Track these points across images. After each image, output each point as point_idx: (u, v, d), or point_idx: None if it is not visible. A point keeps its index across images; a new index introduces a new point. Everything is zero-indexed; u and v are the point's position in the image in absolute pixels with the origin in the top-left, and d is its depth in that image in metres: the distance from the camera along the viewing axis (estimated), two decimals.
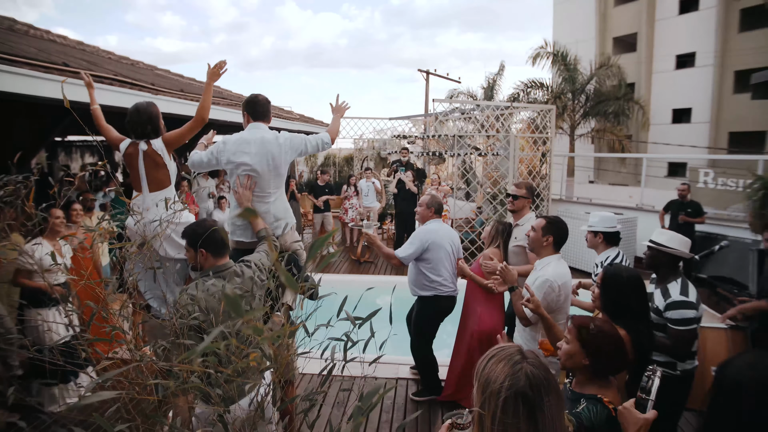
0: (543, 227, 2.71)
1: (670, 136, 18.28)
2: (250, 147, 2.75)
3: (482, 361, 1.10)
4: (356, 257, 8.68)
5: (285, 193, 3.04)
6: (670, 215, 6.91)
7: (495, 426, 0.99)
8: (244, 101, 2.96)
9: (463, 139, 8.85)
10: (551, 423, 0.98)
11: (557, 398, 1.02)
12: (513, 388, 0.98)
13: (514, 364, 1.03)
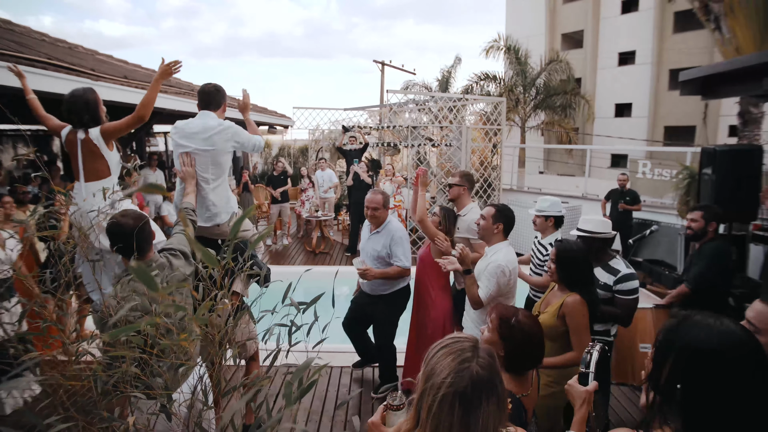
0: (493, 215, 2.83)
1: (612, 129, 19.23)
2: (191, 133, 2.76)
3: (434, 348, 1.08)
4: (312, 248, 8.62)
5: (227, 183, 3.00)
6: (611, 203, 7.33)
7: (428, 419, 0.98)
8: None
9: (417, 130, 8.94)
10: (486, 423, 0.97)
11: (498, 404, 1.00)
12: (453, 387, 0.97)
13: (462, 361, 1.00)
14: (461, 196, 3.71)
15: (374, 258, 3.55)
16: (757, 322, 1.38)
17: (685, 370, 1.02)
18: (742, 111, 5.99)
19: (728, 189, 3.50)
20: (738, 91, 4.18)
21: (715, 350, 0.99)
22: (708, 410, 0.99)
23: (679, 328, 1.06)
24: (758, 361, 0.98)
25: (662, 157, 10.77)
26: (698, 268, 3.31)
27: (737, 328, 1.01)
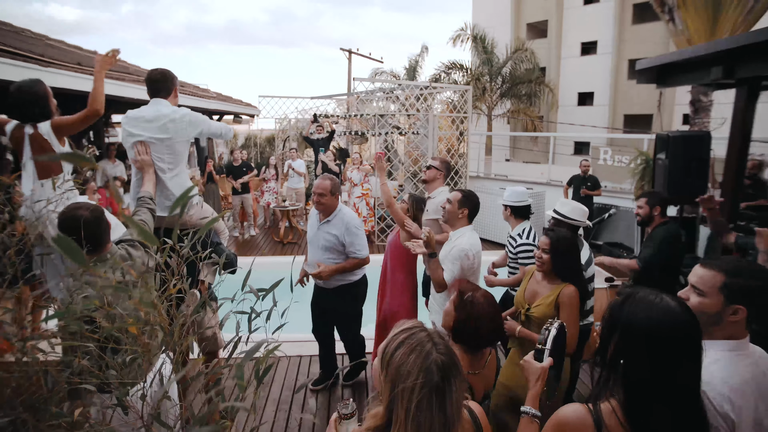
0: (459, 200, 2.87)
1: (575, 117, 19.73)
2: (144, 122, 2.66)
3: (390, 345, 1.08)
4: (279, 239, 8.53)
5: (186, 172, 2.93)
6: (573, 189, 7.56)
7: (408, 421, 1.00)
8: None
9: (384, 119, 8.93)
10: (457, 403, 1.03)
11: (461, 378, 1.06)
12: (427, 386, 0.99)
13: (426, 355, 1.02)
14: (436, 180, 3.75)
15: (325, 249, 3.36)
16: (701, 285, 1.44)
17: (627, 345, 1.07)
18: (693, 99, 6.26)
19: (679, 173, 3.66)
20: (689, 80, 4.34)
21: (654, 327, 1.04)
22: (647, 383, 1.04)
23: (623, 306, 1.11)
24: (692, 337, 1.04)
25: (622, 144, 11.15)
26: (649, 250, 3.46)
27: (676, 305, 1.07)
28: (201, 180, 8.82)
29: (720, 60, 3.70)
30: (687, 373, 1.04)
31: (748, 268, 1.41)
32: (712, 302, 1.41)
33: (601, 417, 1.09)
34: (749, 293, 1.37)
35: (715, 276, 1.41)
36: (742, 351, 1.40)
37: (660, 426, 1.04)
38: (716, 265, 1.44)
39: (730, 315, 1.39)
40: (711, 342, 1.41)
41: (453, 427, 1.02)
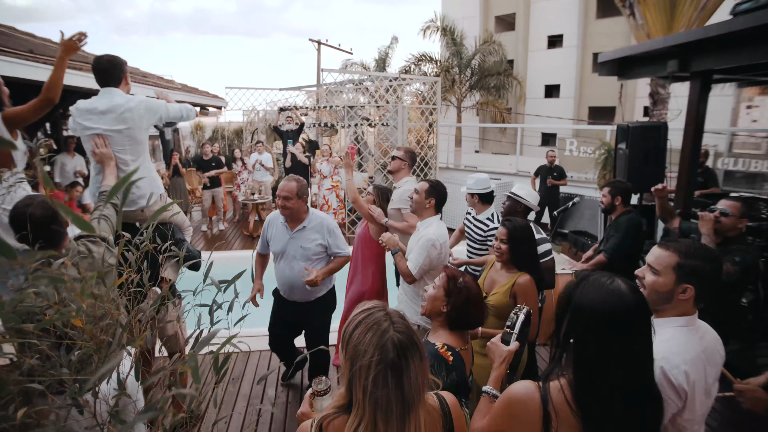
0: (426, 190, 2.89)
1: (542, 109, 20.14)
2: (98, 114, 2.54)
3: (349, 326, 1.09)
4: (248, 232, 8.41)
5: (150, 162, 2.84)
6: (540, 179, 7.74)
7: (366, 399, 1.01)
8: None
9: (353, 110, 8.88)
10: (416, 382, 1.03)
11: (421, 357, 1.06)
12: (382, 362, 1.00)
13: (382, 333, 1.03)
14: (401, 170, 3.76)
15: (308, 258, 3.07)
16: (656, 264, 1.51)
17: (576, 324, 1.11)
18: (652, 92, 6.49)
19: (638, 162, 3.80)
20: (647, 72, 4.49)
21: (601, 307, 1.08)
22: (593, 361, 1.08)
23: (576, 289, 1.15)
24: (638, 317, 1.08)
25: (587, 135, 11.45)
26: (615, 239, 3.58)
27: (625, 287, 1.10)
28: (167, 173, 8.58)
29: (675, 54, 3.84)
30: (633, 351, 1.07)
31: (701, 250, 1.47)
32: (665, 281, 1.48)
33: (549, 394, 1.12)
34: (699, 274, 1.44)
35: (670, 256, 1.49)
36: (693, 326, 1.48)
37: (604, 403, 1.07)
38: (672, 246, 1.51)
39: (680, 293, 1.46)
40: (666, 319, 1.49)
41: (413, 407, 1.02)
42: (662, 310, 1.52)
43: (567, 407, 1.10)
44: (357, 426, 1.02)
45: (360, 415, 1.03)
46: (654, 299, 1.52)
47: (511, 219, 2.59)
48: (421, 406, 1.05)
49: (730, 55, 3.44)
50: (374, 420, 1.01)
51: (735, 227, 2.82)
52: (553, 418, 1.10)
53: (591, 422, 1.07)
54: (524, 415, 1.13)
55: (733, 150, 13.81)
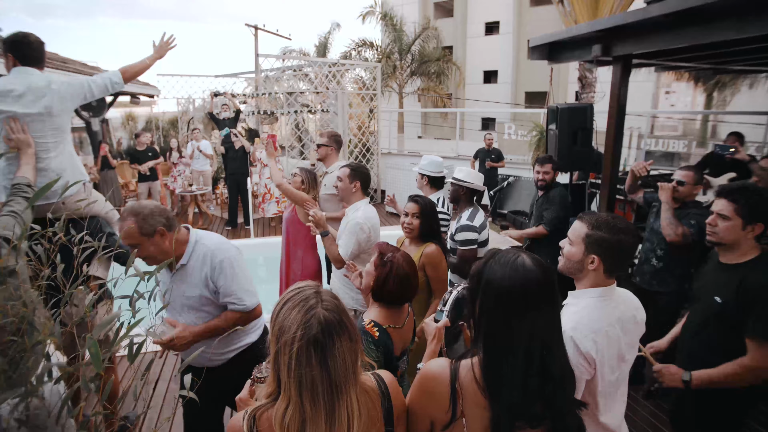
0: (349, 175, 2.88)
1: (481, 94, 20.68)
2: (14, 96, 2.30)
3: (278, 305, 1.05)
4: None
5: (72, 147, 2.63)
6: (479, 161, 7.98)
7: (290, 377, 0.97)
8: (6, 41, 2.40)
9: (293, 96, 8.69)
10: (343, 363, 0.99)
11: (350, 337, 1.02)
12: (305, 338, 0.96)
13: (308, 310, 1.00)
14: (329, 156, 3.74)
15: (188, 308, 2.04)
16: (571, 235, 1.59)
17: (485, 302, 1.12)
18: (581, 76, 6.83)
19: (568, 142, 4.00)
20: (575, 57, 4.70)
21: (506, 282, 1.09)
22: (501, 336, 1.09)
23: (484, 266, 1.15)
24: (543, 292, 1.09)
25: (524, 119, 11.87)
26: (551, 212, 3.77)
27: (531, 262, 1.11)
28: (95, 167, 8.00)
29: (599, 39, 4.05)
30: (539, 325, 1.08)
31: (609, 222, 1.51)
32: (576, 251, 1.55)
33: (458, 372, 1.13)
34: (602, 245, 1.50)
35: (582, 227, 1.56)
36: (609, 296, 1.54)
37: (510, 378, 1.07)
38: (585, 218, 1.57)
39: (589, 264, 1.53)
40: (583, 291, 1.57)
41: (341, 389, 0.99)
42: (578, 280, 1.60)
43: (474, 384, 1.10)
44: (285, 408, 0.99)
45: (287, 398, 0.99)
46: (569, 268, 1.60)
47: (418, 196, 2.64)
48: (352, 388, 1.02)
49: (646, 41, 3.68)
50: (300, 401, 0.97)
51: (691, 194, 3.11)
52: (460, 394, 1.11)
53: (496, 397, 1.08)
54: (435, 391, 1.14)
55: (654, 132, 14.82)
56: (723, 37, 3.11)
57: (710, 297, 2.02)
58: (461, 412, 1.11)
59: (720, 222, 1.98)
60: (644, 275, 3.33)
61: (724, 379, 1.86)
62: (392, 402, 1.16)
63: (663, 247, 3.21)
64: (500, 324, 1.09)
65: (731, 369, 1.84)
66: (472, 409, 1.11)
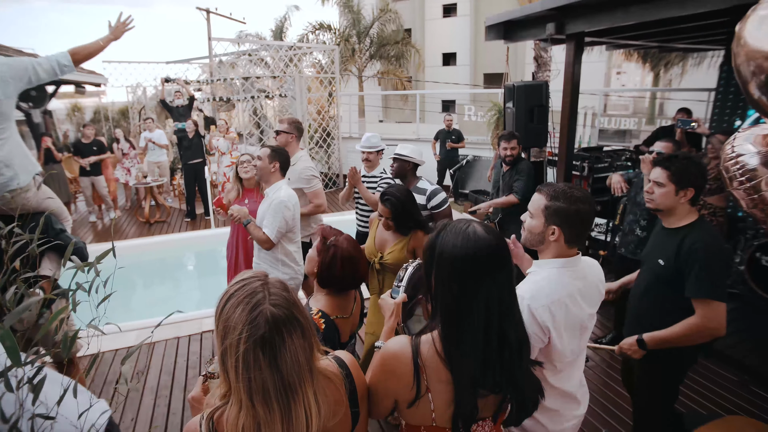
0: (269, 156, 2.86)
1: (441, 76, 20.75)
2: None
3: (222, 300, 0.96)
4: (144, 219, 7.77)
5: (18, 136, 2.44)
6: (440, 143, 8.04)
7: (239, 380, 0.90)
8: None
9: (249, 82, 8.44)
10: (296, 362, 0.93)
11: (302, 333, 0.95)
12: (251, 339, 0.88)
13: (254, 306, 0.91)
14: (290, 144, 3.60)
15: None
16: (531, 207, 1.62)
17: (439, 273, 1.11)
18: (536, 56, 6.92)
19: (524, 119, 4.08)
20: (529, 35, 4.78)
21: (458, 252, 1.08)
22: (456, 306, 1.08)
23: (437, 238, 1.14)
24: (495, 260, 1.08)
25: (483, 100, 12.00)
26: (521, 182, 3.87)
27: (482, 231, 1.10)
28: (38, 161, 7.53)
29: (552, 17, 4.13)
30: (492, 294, 1.08)
31: (567, 192, 1.53)
32: (537, 223, 1.57)
33: (419, 348, 1.12)
34: (561, 216, 1.51)
35: (541, 199, 1.57)
36: (572, 267, 1.57)
37: (469, 347, 1.08)
38: (544, 190, 1.58)
39: (549, 235, 1.55)
40: (546, 261, 1.59)
41: (296, 389, 0.93)
42: (541, 252, 1.62)
43: (436, 358, 1.10)
44: (237, 413, 0.92)
45: (238, 401, 0.92)
46: (531, 240, 1.63)
47: (390, 194, 2.44)
48: (308, 385, 0.95)
49: (597, 19, 3.78)
50: (252, 405, 0.91)
51: None
52: (423, 370, 1.10)
53: (458, 368, 1.08)
54: (397, 368, 1.13)
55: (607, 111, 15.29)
56: (667, 14, 3.24)
57: (654, 260, 2.12)
58: (426, 387, 1.11)
59: (656, 189, 2.08)
60: (629, 245, 3.50)
61: (675, 339, 1.95)
62: (355, 383, 1.14)
63: (645, 218, 3.40)
64: (456, 294, 1.08)
65: (680, 329, 1.93)
66: (436, 384, 1.11)
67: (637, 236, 3.45)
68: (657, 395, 2.31)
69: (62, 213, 2.73)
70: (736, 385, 3.29)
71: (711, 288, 1.87)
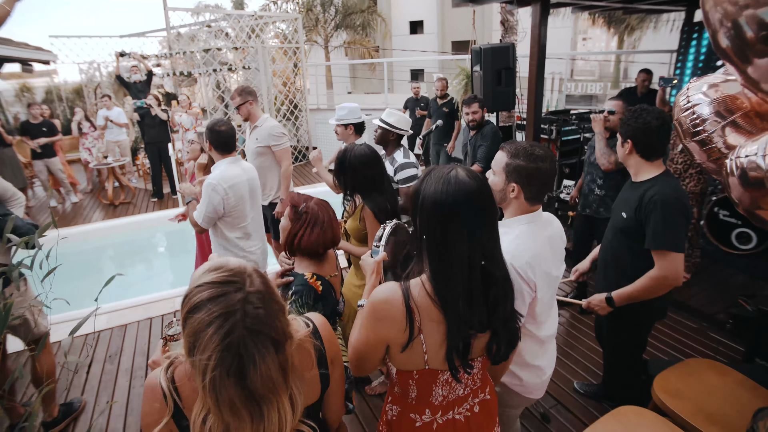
0: (200, 137, 2.83)
1: (408, 44, 20.45)
2: None
3: (192, 297, 0.88)
4: (108, 201, 7.50)
5: None
6: (409, 111, 7.98)
7: (207, 393, 0.85)
8: None
9: (209, 54, 8.11)
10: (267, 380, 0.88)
11: (276, 349, 0.90)
12: (220, 366, 0.84)
13: (228, 332, 0.84)
14: (251, 112, 3.53)
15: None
16: (494, 165, 1.64)
17: (423, 216, 1.12)
18: (503, 20, 6.87)
19: (492, 83, 4.06)
20: None
21: (440, 195, 1.09)
22: (443, 249, 1.09)
23: (421, 184, 1.15)
24: (478, 202, 1.09)
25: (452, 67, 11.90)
26: (484, 148, 3.87)
27: (465, 175, 1.11)
28: None
29: None
30: (477, 235, 1.10)
31: (527, 150, 1.55)
32: (498, 180, 1.60)
33: (409, 291, 1.13)
34: (520, 173, 1.54)
35: (503, 156, 1.60)
36: (537, 221, 1.61)
37: (458, 288, 1.09)
38: (505, 148, 1.61)
39: (510, 192, 1.58)
40: (511, 220, 1.62)
41: (268, 400, 0.89)
42: (505, 209, 1.66)
43: (428, 299, 1.11)
44: (205, 415, 0.89)
45: (204, 405, 0.89)
46: (497, 198, 1.63)
47: (346, 149, 2.38)
48: (283, 393, 0.91)
49: None
50: (220, 413, 0.87)
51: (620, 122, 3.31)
52: (415, 311, 1.11)
53: (450, 308, 1.10)
54: (389, 314, 1.13)
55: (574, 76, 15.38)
56: None
57: (618, 213, 2.19)
58: (419, 329, 1.12)
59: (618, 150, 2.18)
60: (591, 205, 3.56)
61: (640, 293, 2.02)
62: (324, 344, 1.13)
63: (601, 176, 3.43)
64: (440, 237, 1.09)
65: (642, 283, 2.00)
66: (428, 324, 1.12)
67: (597, 196, 3.50)
68: (626, 346, 2.41)
69: (6, 193, 2.60)
70: (696, 332, 3.47)
71: (667, 239, 1.92)
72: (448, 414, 1.25)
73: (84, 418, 2.90)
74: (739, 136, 1.57)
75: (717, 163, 1.64)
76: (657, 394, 1.99)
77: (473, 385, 1.27)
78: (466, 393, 1.26)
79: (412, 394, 1.24)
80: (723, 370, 2.14)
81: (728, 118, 1.59)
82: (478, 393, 1.30)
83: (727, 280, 4.04)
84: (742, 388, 2.00)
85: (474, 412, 1.29)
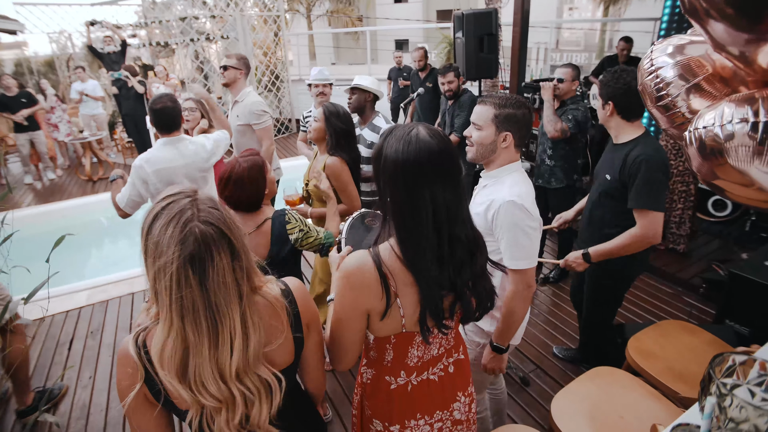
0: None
1: (393, 13, 19.98)
2: None
3: (149, 218, 0.91)
4: (87, 177, 7.33)
5: None
6: (393, 81, 7.87)
7: (171, 303, 0.88)
8: None
9: (185, 23, 7.83)
10: (222, 283, 0.91)
11: (231, 253, 0.93)
12: (181, 257, 0.86)
13: (184, 224, 0.88)
14: (237, 81, 3.41)
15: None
16: (478, 120, 1.65)
17: (386, 178, 1.09)
18: None
19: (474, 49, 3.98)
20: None
21: (401, 154, 1.06)
22: (407, 209, 1.07)
23: (383, 144, 1.11)
24: (441, 162, 1.06)
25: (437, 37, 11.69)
26: (461, 118, 3.84)
27: (426, 133, 1.07)
28: None
29: None
30: (440, 194, 1.07)
31: (511, 99, 1.61)
32: (488, 133, 1.63)
33: (380, 256, 1.11)
34: (512, 120, 1.60)
35: (488, 110, 1.62)
36: (521, 168, 1.68)
37: (426, 249, 1.08)
38: (488, 101, 1.64)
39: (501, 142, 1.62)
40: (500, 170, 1.66)
41: (223, 311, 0.92)
42: (491, 162, 1.68)
43: (398, 262, 1.10)
44: (166, 338, 0.90)
45: (168, 324, 0.90)
46: (482, 153, 1.67)
47: (330, 103, 2.49)
48: (235, 310, 0.93)
49: None
50: (183, 326, 0.90)
51: (570, 90, 3.33)
52: (389, 276, 1.10)
53: (420, 270, 1.09)
54: (362, 283, 1.11)
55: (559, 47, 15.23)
56: None
57: (602, 175, 2.21)
58: (395, 294, 1.11)
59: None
60: (542, 175, 3.56)
61: (617, 250, 2.08)
62: (299, 307, 1.11)
63: (551, 146, 3.44)
64: (402, 198, 1.07)
65: (621, 240, 2.06)
66: (402, 287, 1.11)
67: (548, 166, 3.51)
68: (603, 307, 2.48)
69: None
70: (672, 297, 3.56)
71: (649, 199, 1.97)
72: (422, 374, 1.26)
73: (67, 396, 2.89)
74: (703, 100, 1.56)
75: (681, 129, 1.63)
76: (630, 355, 2.05)
77: (447, 345, 1.29)
78: (441, 353, 1.28)
79: (388, 357, 1.23)
80: (694, 330, 2.20)
81: (692, 81, 1.58)
82: (452, 352, 1.31)
83: (702, 246, 4.14)
84: (711, 348, 2.06)
85: (448, 372, 1.30)
